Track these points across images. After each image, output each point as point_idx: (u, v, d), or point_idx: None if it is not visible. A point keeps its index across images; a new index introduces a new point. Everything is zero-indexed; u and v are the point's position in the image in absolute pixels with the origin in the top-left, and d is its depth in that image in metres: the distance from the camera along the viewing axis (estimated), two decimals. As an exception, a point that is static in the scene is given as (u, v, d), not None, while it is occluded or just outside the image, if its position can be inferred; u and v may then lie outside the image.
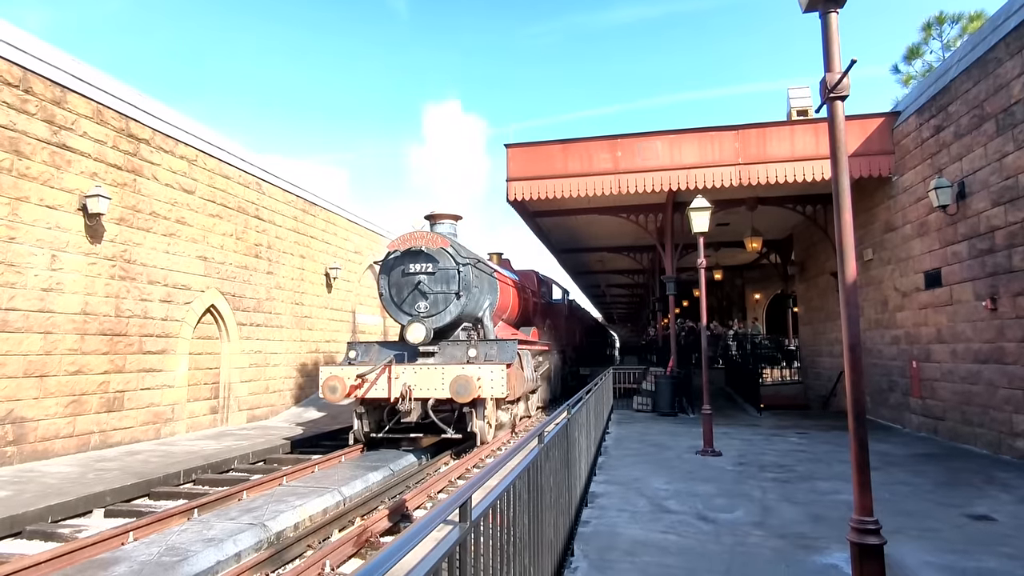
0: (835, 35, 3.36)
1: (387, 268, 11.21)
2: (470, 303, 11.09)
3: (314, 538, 6.00)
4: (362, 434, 10.42)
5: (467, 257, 11.11)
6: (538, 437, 3.64)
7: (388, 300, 11.15)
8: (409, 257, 11.03)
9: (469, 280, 10.92)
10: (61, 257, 9.79)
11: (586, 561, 4.49)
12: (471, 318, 11.54)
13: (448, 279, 10.90)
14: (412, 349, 10.65)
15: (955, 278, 9.75)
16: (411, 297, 10.96)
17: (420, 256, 10.98)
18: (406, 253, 11.03)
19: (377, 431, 10.45)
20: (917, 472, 7.68)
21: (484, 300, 11.76)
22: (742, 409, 15.53)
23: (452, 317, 10.86)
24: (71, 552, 5.27)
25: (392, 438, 10.58)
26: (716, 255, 21.01)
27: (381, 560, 1.50)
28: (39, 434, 9.33)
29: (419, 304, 10.91)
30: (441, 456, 10.08)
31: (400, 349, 10.77)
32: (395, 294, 11.10)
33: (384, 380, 10.11)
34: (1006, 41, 8.41)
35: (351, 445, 10.41)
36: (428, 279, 10.90)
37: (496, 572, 2.47)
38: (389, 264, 11.19)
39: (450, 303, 10.87)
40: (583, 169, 12.89)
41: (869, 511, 3.14)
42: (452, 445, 10.68)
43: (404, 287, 11.02)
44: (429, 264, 10.93)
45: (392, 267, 11.15)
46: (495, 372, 9.93)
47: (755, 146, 12.24)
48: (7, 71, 9.07)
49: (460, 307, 10.86)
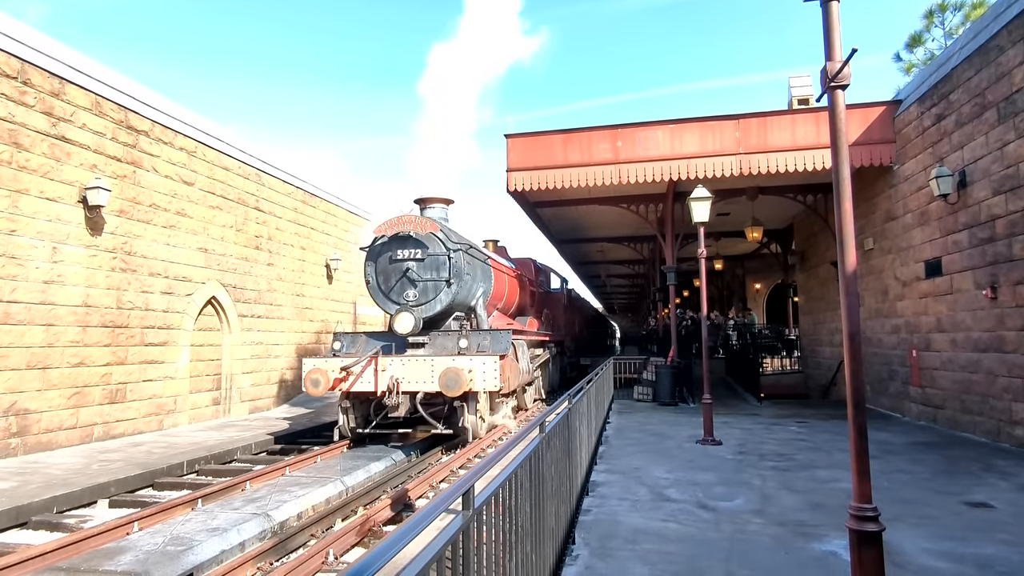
0: (836, 24, 3.34)
1: (374, 254, 10.63)
2: (462, 291, 10.58)
3: (317, 527, 6.05)
4: (348, 429, 9.89)
5: (458, 242, 10.56)
6: (539, 427, 3.66)
7: (375, 288, 10.59)
8: (397, 243, 10.43)
9: (460, 267, 10.38)
10: (62, 249, 9.80)
11: (587, 549, 4.53)
12: (463, 307, 11.05)
13: (438, 266, 10.32)
14: (401, 340, 10.19)
15: (955, 267, 9.75)
16: (399, 285, 10.38)
17: (408, 241, 10.38)
18: (394, 238, 10.44)
19: (364, 426, 9.92)
20: (916, 460, 7.72)
21: (477, 288, 11.30)
22: (742, 398, 15.58)
23: (443, 306, 10.33)
24: (77, 542, 5.32)
25: (380, 434, 10.10)
26: (717, 245, 21.01)
27: (385, 548, 1.52)
28: (43, 426, 9.38)
29: (408, 292, 10.36)
30: (431, 452, 9.68)
31: (388, 340, 10.30)
32: (382, 282, 10.52)
33: (370, 373, 9.57)
34: (1008, 29, 8.37)
35: (336, 441, 9.87)
36: (417, 266, 10.33)
37: (498, 560, 2.49)
38: (376, 250, 10.61)
39: (440, 291, 10.30)
40: (583, 159, 12.85)
41: (868, 499, 3.16)
42: (444, 440, 10.22)
43: (392, 274, 10.44)
44: (418, 250, 10.34)
45: (379, 253, 10.57)
46: (487, 364, 9.36)
47: (756, 135, 12.21)
48: (5, 63, 9.03)
49: (451, 295, 10.32)
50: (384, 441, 10.16)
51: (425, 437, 10.62)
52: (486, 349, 10.06)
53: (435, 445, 10.13)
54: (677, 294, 16.01)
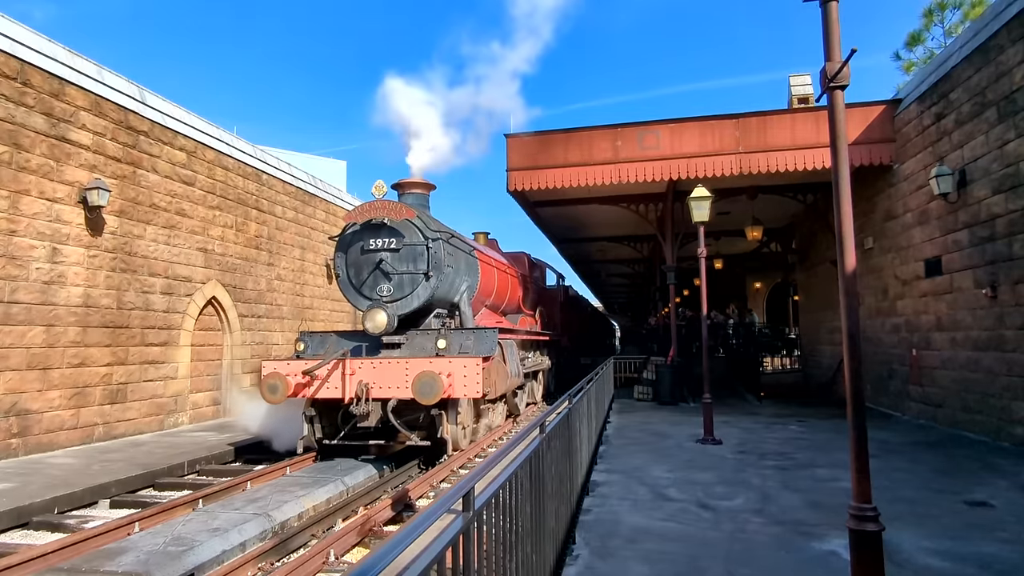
0: (835, 24, 3.35)
1: (344, 244, 9.54)
2: (442, 285, 9.48)
3: (318, 527, 6.06)
4: (313, 440, 8.70)
5: (438, 230, 9.51)
6: (540, 427, 3.67)
7: (345, 282, 9.49)
8: (369, 231, 9.31)
9: (440, 258, 9.29)
10: (62, 250, 9.80)
11: (588, 549, 4.54)
12: (445, 303, 10.01)
13: (415, 257, 9.24)
14: (375, 340, 9.12)
15: (955, 266, 9.76)
16: (372, 278, 9.30)
17: (382, 230, 9.27)
18: (366, 226, 9.32)
19: (333, 436, 8.76)
20: (916, 459, 7.72)
21: (460, 282, 10.25)
22: (742, 398, 15.59)
23: (420, 302, 9.24)
24: (78, 543, 5.33)
25: (350, 445, 8.85)
26: (716, 244, 20.99)
27: (387, 550, 1.52)
28: (43, 426, 9.38)
29: (381, 287, 9.27)
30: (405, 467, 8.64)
31: (361, 340, 9.22)
32: (353, 275, 9.42)
33: (337, 377, 8.47)
34: (1008, 27, 8.37)
35: (299, 454, 8.72)
36: (391, 257, 9.25)
37: (499, 560, 2.50)
38: (347, 240, 9.52)
39: (418, 285, 9.22)
40: (583, 159, 12.85)
41: (868, 498, 3.17)
42: (424, 452, 9.01)
43: (363, 267, 9.35)
44: (392, 239, 9.25)
45: (350, 243, 9.47)
46: (468, 367, 8.27)
47: (756, 134, 12.21)
48: (4, 63, 9.03)
49: (430, 290, 9.24)
50: (357, 453, 8.96)
51: (403, 448, 9.48)
52: (469, 350, 9.08)
53: (415, 457, 9.08)
54: (677, 293, 16.01)
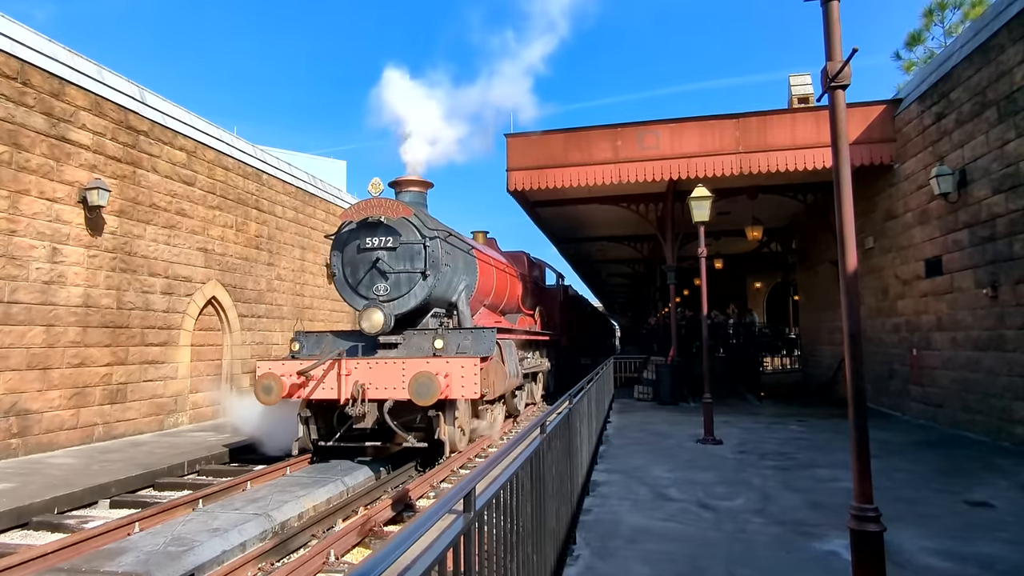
0: (836, 24, 3.35)
1: (340, 243, 9.48)
2: (440, 284, 9.41)
3: (318, 527, 6.05)
4: (309, 442, 8.68)
5: (436, 229, 9.45)
6: (540, 427, 3.67)
7: (341, 282, 9.41)
8: (366, 230, 9.24)
9: (438, 256, 9.21)
10: (62, 250, 9.80)
11: (588, 549, 4.54)
12: (443, 302, 9.94)
13: (412, 255, 9.16)
14: (372, 340, 9.05)
15: (956, 266, 9.75)
16: (368, 278, 9.22)
17: (379, 228, 9.21)
18: (362, 225, 9.26)
19: (328, 438, 8.72)
20: (916, 459, 7.72)
21: (459, 281, 10.18)
22: (743, 398, 15.59)
23: (418, 301, 9.17)
24: (78, 543, 5.32)
25: (346, 447, 8.82)
26: (717, 244, 20.98)
27: (389, 551, 1.52)
28: (43, 426, 9.38)
29: (378, 286, 9.19)
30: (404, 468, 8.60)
31: (357, 340, 9.14)
32: (349, 274, 9.35)
33: (333, 378, 8.42)
34: (1008, 27, 8.36)
35: (294, 456, 8.69)
36: (388, 255, 9.17)
37: (500, 561, 2.50)
38: (343, 238, 9.46)
39: (415, 284, 9.15)
40: (583, 159, 12.85)
41: (869, 498, 3.17)
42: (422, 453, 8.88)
43: (360, 266, 9.28)
44: (389, 237, 9.18)
45: (346, 242, 9.42)
46: (466, 367, 8.19)
47: (756, 134, 12.20)
48: (4, 63, 9.03)
49: (427, 289, 9.16)
50: (353, 455, 8.91)
51: (400, 450, 9.34)
52: (467, 350, 8.99)
53: (412, 458, 9.01)
54: (677, 293, 16.01)
